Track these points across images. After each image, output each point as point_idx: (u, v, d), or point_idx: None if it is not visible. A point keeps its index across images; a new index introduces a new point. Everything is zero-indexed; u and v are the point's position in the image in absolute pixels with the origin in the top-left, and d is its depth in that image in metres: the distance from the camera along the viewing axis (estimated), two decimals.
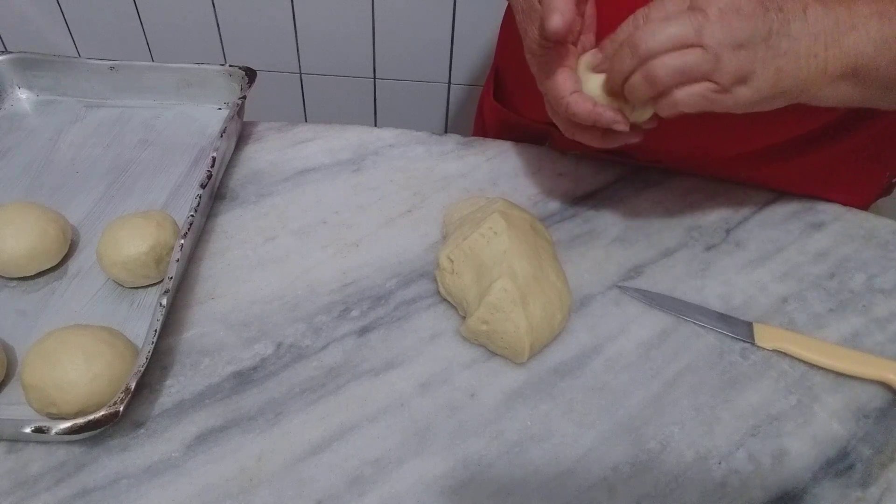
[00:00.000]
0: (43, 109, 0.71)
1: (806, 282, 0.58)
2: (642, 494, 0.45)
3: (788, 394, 0.50)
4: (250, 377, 0.50)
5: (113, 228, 0.54)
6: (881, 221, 0.63)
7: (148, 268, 0.54)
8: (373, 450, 0.47)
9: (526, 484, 0.45)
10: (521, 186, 0.65)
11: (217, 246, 0.59)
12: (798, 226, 0.63)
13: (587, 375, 0.51)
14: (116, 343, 0.48)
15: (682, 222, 0.62)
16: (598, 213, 0.63)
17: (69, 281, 0.56)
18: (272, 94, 1.34)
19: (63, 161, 0.66)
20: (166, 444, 0.46)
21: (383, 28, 1.21)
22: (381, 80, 1.31)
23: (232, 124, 0.64)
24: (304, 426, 0.48)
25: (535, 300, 0.50)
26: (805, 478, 0.46)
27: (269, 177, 0.66)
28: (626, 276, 0.58)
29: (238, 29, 1.26)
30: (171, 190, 0.64)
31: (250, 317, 0.54)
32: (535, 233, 0.56)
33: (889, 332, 0.55)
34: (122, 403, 0.44)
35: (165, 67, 0.70)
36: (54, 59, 0.70)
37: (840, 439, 0.48)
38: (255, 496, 0.44)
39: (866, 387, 0.51)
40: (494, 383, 0.50)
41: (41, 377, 0.45)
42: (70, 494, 0.44)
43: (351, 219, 0.62)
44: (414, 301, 0.55)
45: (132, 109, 0.72)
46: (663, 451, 0.47)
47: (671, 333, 0.54)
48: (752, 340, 0.53)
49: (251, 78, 0.67)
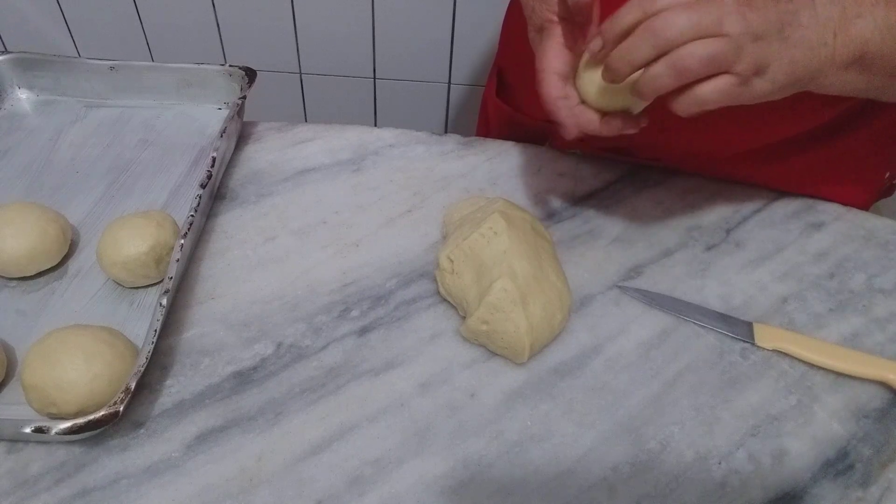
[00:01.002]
0: (43, 109, 0.71)
1: (806, 282, 0.58)
2: (642, 494, 0.45)
3: (788, 394, 0.50)
4: (250, 377, 0.50)
5: (113, 228, 0.54)
6: (881, 221, 0.63)
7: (148, 268, 0.54)
8: (373, 450, 0.47)
9: (526, 484, 0.45)
10: (521, 186, 0.65)
11: (217, 246, 0.59)
12: (798, 226, 0.63)
13: (587, 375, 0.51)
14: (116, 343, 0.48)
15: (682, 222, 0.62)
16: (598, 213, 0.63)
17: (69, 281, 0.56)
18: (272, 94, 1.34)
19: (63, 161, 0.66)
20: (166, 444, 0.46)
21: (383, 28, 1.21)
22: (381, 80, 1.31)
23: (232, 124, 0.64)
24: (304, 426, 0.48)
25: (535, 300, 0.50)
26: (805, 478, 0.46)
27: (269, 177, 0.66)
28: (626, 276, 0.58)
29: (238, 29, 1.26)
30: (171, 190, 0.64)
31: (250, 317, 0.54)
32: (535, 233, 0.56)
33: (889, 332, 0.55)
34: (122, 403, 0.44)
35: (165, 67, 0.70)
36: (54, 59, 0.70)
37: (840, 439, 0.48)
38: (255, 496, 0.44)
39: (866, 387, 0.51)
40: (494, 383, 0.50)
41: (41, 377, 0.45)
42: (70, 494, 0.44)
43: (351, 219, 0.62)
44: (414, 301, 0.55)
45: (132, 109, 0.72)
46: (663, 451, 0.47)
47: (671, 333, 0.54)
48: (752, 340, 0.53)
49: (251, 78, 0.67)
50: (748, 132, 0.62)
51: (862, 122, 0.61)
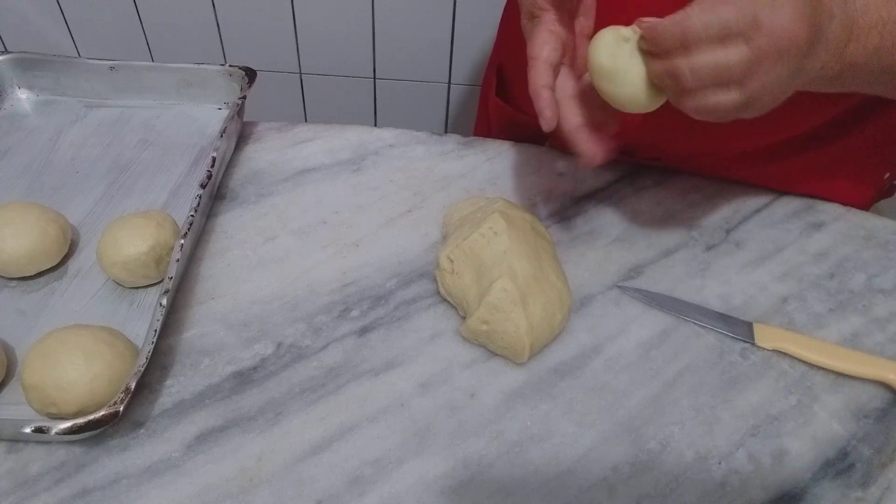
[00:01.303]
0: (43, 109, 0.71)
1: (806, 282, 0.58)
2: (642, 494, 0.45)
3: (788, 394, 0.50)
4: (250, 377, 0.50)
5: (113, 228, 0.54)
6: (881, 221, 0.63)
7: (148, 268, 0.54)
8: (373, 450, 0.47)
9: (526, 484, 0.45)
10: (521, 186, 0.65)
11: (217, 246, 0.59)
12: (798, 226, 0.63)
13: (587, 375, 0.51)
14: (116, 343, 0.48)
15: (682, 222, 0.62)
16: (598, 213, 0.63)
17: (69, 281, 0.56)
18: (272, 94, 1.34)
19: (63, 161, 0.66)
20: (166, 444, 0.46)
21: (383, 28, 1.21)
22: (381, 80, 1.31)
23: (232, 124, 0.63)
24: (304, 426, 0.48)
25: (535, 300, 0.50)
26: (805, 478, 0.46)
27: (269, 177, 0.66)
28: (626, 276, 0.58)
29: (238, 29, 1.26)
30: (171, 190, 0.64)
31: (250, 317, 0.54)
32: (535, 233, 0.56)
33: (889, 332, 0.55)
34: (122, 403, 0.44)
35: (165, 67, 0.70)
36: (54, 59, 0.70)
37: (840, 439, 0.48)
38: (255, 496, 0.44)
39: (866, 387, 0.51)
40: (494, 383, 0.50)
41: (41, 377, 0.45)
42: (70, 494, 0.44)
43: (351, 219, 0.62)
44: (414, 301, 0.55)
45: (132, 109, 0.72)
46: (663, 451, 0.47)
47: (671, 333, 0.54)
48: (752, 340, 0.53)
49: (251, 78, 0.67)
50: (749, 133, 0.62)
51: (862, 123, 0.61)
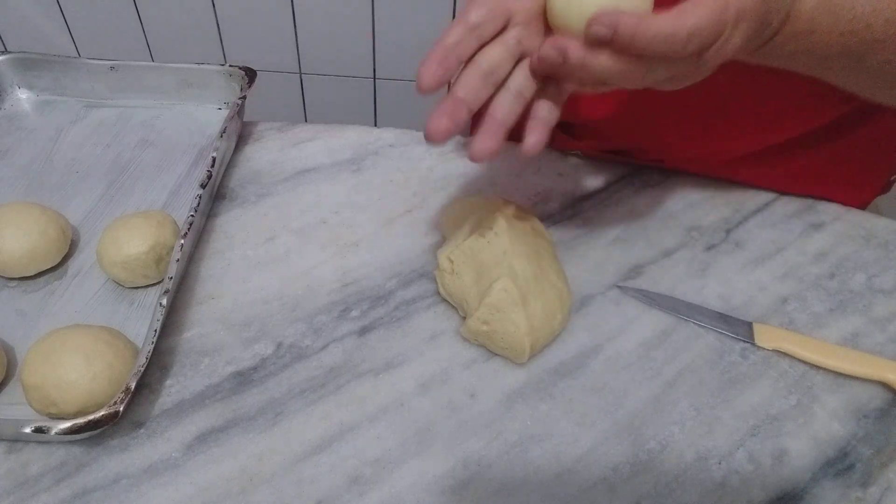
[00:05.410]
0: (43, 109, 0.71)
1: (806, 282, 0.58)
2: (642, 494, 0.45)
3: (788, 394, 0.50)
4: (250, 377, 0.50)
5: (113, 228, 0.54)
6: (881, 221, 0.63)
7: (148, 268, 0.54)
8: (373, 450, 0.47)
9: (526, 484, 0.45)
10: (521, 186, 0.65)
11: (217, 246, 0.59)
12: (798, 226, 0.63)
13: (587, 375, 0.51)
14: (116, 343, 0.48)
15: (682, 222, 0.62)
16: (598, 213, 0.63)
17: (69, 281, 0.56)
18: (272, 94, 1.34)
19: (63, 161, 0.66)
20: (166, 444, 0.46)
21: (383, 28, 1.21)
22: (381, 80, 1.31)
23: (232, 124, 0.64)
24: (304, 426, 0.48)
25: (536, 300, 0.50)
26: (805, 478, 0.46)
27: (268, 177, 0.66)
28: (626, 276, 0.58)
29: (238, 29, 1.26)
30: (171, 190, 0.64)
31: (250, 317, 0.54)
32: (535, 233, 0.56)
33: (889, 332, 0.55)
34: (122, 403, 0.44)
35: (165, 67, 0.70)
36: (54, 59, 0.70)
37: (840, 439, 0.48)
38: (255, 496, 0.44)
39: (866, 387, 0.51)
40: (494, 383, 0.50)
41: (41, 377, 0.45)
42: (70, 494, 0.44)
43: (351, 219, 0.62)
44: (414, 301, 0.55)
45: (132, 109, 0.72)
46: (663, 451, 0.47)
47: (671, 333, 0.54)
48: (752, 340, 0.53)
49: (251, 78, 0.67)
50: (750, 134, 0.62)
51: (864, 124, 0.61)
